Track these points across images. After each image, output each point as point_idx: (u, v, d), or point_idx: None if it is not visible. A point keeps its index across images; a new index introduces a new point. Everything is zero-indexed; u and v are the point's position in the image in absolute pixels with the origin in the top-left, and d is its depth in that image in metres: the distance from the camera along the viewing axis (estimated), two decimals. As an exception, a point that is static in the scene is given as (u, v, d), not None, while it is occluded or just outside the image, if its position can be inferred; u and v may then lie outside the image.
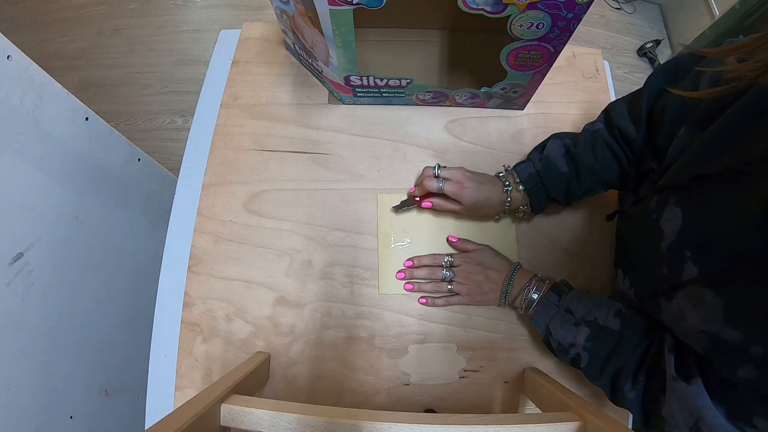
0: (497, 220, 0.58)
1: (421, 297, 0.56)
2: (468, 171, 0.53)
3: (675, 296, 0.36)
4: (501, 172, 0.55)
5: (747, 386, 0.31)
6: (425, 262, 0.56)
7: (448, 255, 0.56)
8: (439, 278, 0.55)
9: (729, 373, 0.32)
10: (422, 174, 0.55)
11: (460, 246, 0.57)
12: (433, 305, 0.56)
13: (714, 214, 0.33)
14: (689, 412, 0.34)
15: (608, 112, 0.51)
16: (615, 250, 0.57)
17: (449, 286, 0.54)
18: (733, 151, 0.32)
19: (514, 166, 0.55)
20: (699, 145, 0.36)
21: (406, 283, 0.56)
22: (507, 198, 0.52)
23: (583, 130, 0.53)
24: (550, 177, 0.51)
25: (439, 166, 0.54)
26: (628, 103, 0.49)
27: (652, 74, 0.47)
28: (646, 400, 0.39)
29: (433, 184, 0.52)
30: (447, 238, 0.58)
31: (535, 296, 0.48)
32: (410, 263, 0.56)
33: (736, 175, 0.32)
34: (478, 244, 0.56)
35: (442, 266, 0.55)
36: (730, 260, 0.31)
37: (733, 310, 0.30)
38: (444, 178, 0.52)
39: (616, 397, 0.42)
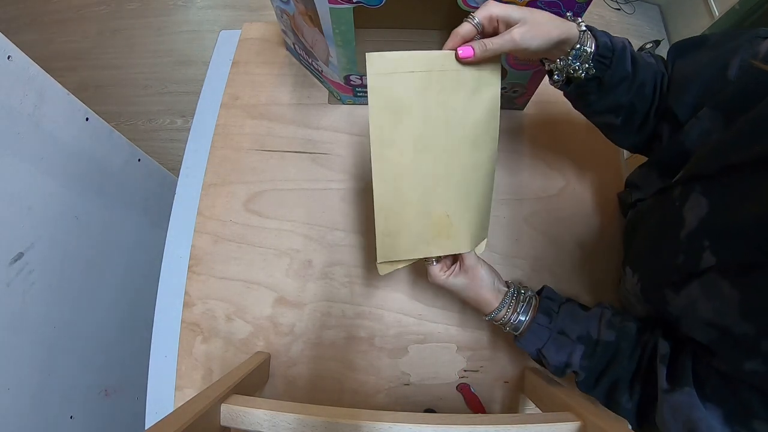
0: (545, 65, 0.43)
1: None
2: None
3: (686, 287, 0.35)
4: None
5: (751, 381, 0.31)
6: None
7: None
8: None
9: (733, 366, 0.32)
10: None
11: None
12: None
13: (741, 204, 0.32)
14: (682, 423, 0.33)
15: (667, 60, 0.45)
16: (624, 248, 0.56)
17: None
18: (765, 141, 0.31)
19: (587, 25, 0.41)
20: (729, 135, 0.35)
21: None
22: (577, 44, 0.39)
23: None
24: (619, 64, 0.41)
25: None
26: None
27: (677, 44, 0.44)
28: (641, 408, 0.39)
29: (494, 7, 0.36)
30: None
31: (523, 318, 0.43)
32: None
33: (766, 165, 0.31)
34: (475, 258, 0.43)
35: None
36: (753, 251, 0.30)
37: (750, 302, 0.30)
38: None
39: (610, 406, 0.41)
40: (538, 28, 0.36)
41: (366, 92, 0.61)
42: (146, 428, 0.31)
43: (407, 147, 0.38)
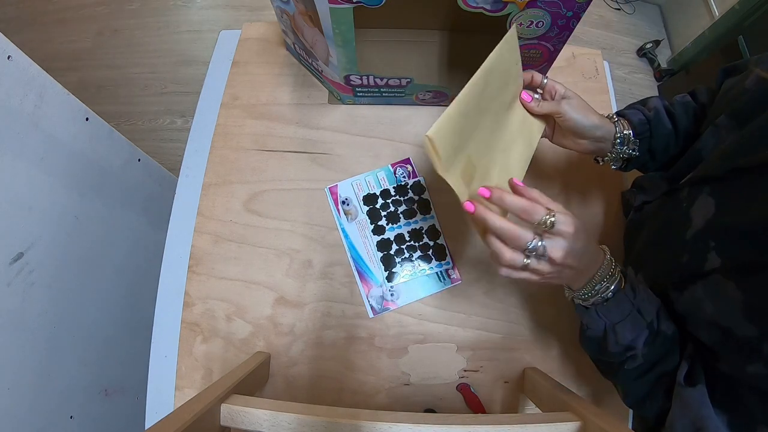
0: (599, 161, 0.50)
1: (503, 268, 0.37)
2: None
3: (690, 287, 0.36)
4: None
5: (753, 384, 0.31)
6: (516, 205, 0.36)
7: (548, 212, 0.35)
8: (520, 245, 0.35)
9: (736, 368, 0.32)
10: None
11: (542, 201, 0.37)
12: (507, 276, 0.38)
13: (747, 206, 0.33)
14: (691, 421, 0.33)
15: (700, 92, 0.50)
16: (625, 248, 0.56)
17: (526, 260, 0.35)
18: None
19: (618, 112, 0.50)
20: (739, 138, 0.36)
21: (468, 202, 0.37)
22: (617, 133, 0.46)
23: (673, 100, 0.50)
24: (658, 129, 0.47)
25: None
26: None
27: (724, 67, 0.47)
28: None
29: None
30: (511, 181, 0.40)
31: (612, 286, 0.37)
32: (487, 192, 0.37)
33: None
34: (572, 217, 0.36)
35: (534, 226, 0.35)
36: (758, 252, 0.31)
37: (754, 304, 0.30)
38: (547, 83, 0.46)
39: (643, 403, 0.39)
40: (581, 107, 0.45)
41: (365, 93, 0.61)
42: (146, 428, 0.31)
43: (487, 101, 0.41)
